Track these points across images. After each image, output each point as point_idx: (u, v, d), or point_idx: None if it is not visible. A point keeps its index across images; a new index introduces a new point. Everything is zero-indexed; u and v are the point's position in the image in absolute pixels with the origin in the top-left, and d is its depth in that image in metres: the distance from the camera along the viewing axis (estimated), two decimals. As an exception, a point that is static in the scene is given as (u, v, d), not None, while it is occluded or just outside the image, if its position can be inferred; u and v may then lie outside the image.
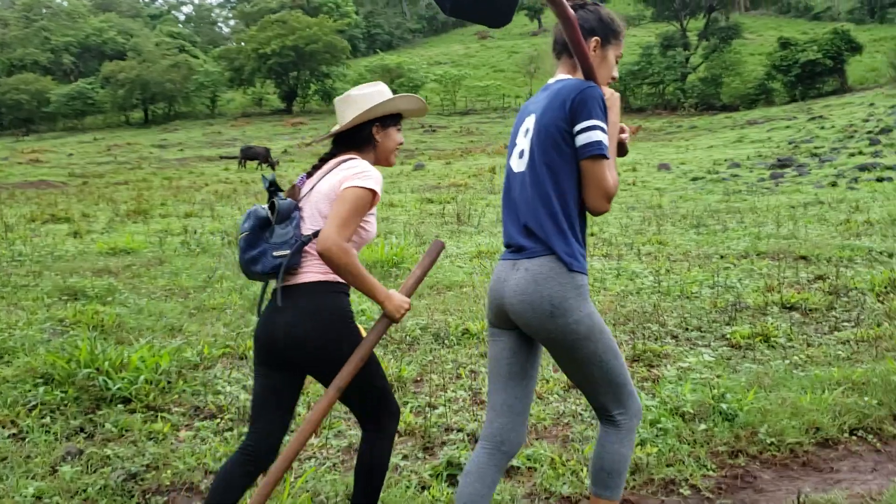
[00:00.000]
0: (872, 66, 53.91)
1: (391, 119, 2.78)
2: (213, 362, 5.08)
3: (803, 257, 8.01)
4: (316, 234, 2.55)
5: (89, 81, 63.78)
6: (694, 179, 22.51)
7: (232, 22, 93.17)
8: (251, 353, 5.23)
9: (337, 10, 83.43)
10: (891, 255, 7.86)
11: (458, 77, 60.30)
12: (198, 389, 4.54)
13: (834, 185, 18.23)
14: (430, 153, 40.29)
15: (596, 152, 2.26)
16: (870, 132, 26.98)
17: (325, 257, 2.45)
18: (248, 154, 35.79)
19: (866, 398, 3.80)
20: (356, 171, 2.55)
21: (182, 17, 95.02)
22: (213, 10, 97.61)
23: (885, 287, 6.22)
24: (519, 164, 2.47)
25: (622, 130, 2.51)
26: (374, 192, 2.55)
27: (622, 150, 2.55)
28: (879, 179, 17.97)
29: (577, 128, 2.28)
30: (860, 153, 23.32)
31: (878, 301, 5.93)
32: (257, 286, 7.15)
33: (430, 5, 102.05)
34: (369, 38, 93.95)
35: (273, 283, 2.60)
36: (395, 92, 2.88)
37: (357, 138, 2.74)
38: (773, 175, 21.20)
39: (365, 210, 2.54)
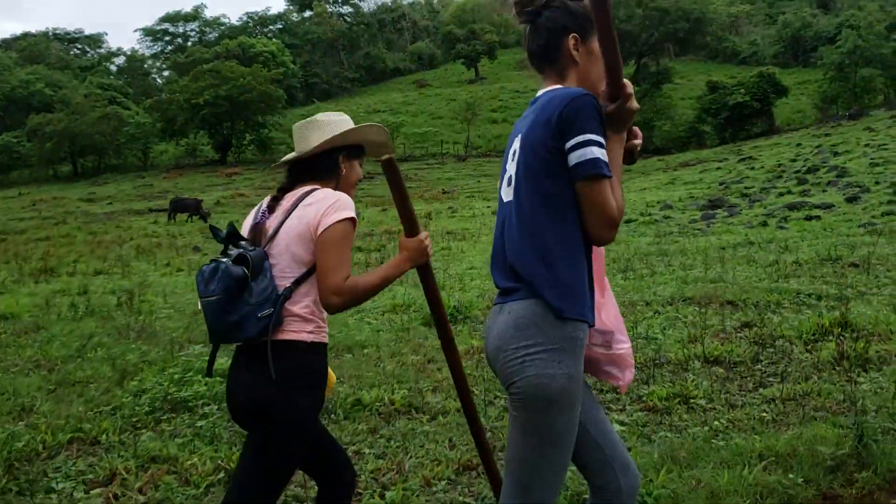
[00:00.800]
0: (798, 107, 55.69)
1: (356, 151, 2.60)
2: (57, 450, 4.36)
3: (730, 302, 7.61)
4: (297, 283, 2.34)
5: (15, 135, 61.91)
6: (627, 222, 22.38)
7: (166, 73, 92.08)
8: (105, 436, 4.53)
9: (273, 59, 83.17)
10: (819, 298, 7.51)
11: (397, 124, 60.19)
12: (25, 487, 3.82)
13: (764, 224, 18.20)
14: (367, 200, 39.84)
15: (592, 172, 1.90)
16: (798, 172, 27.37)
17: (342, 307, 2.30)
18: (178, 206, 34.84)
19: (791, 475, 3.30)
20: (329, 204, 2.34)
21: (114, 69, 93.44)
22: (147, 60, 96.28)
23: (814, 334, 5.81)
24: (507, 193, 2.13)
25: (634, 135, 2.17)
26: (353, 221, 2.37)
27: (629, 157, 2.19)
28: (808, 218, 18.00)
29: (568, 145, 1.93)
30: (789, 192, 23.53)
31: (807, 350, 5.51)
32: (134, 355, 6.43)
33: (368, 55, 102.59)
34: (307, 87, 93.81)
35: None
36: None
37: (321, 167, 2.53)
38: (704, 216, 21.18)
39: (350, 243, 2.35)
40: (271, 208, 2.49)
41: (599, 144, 1.91)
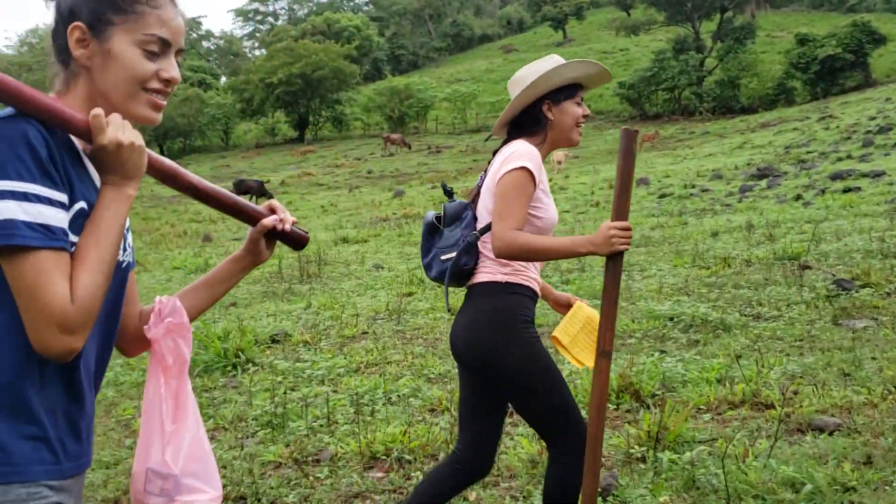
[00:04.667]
0: (906, 56, 50.59)
1: (564, 92, 2.53)
2: None
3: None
4: (483, 231, 2.45)
5: (104, 121, 64.08)
6: (661, 197, 20.65)
7: (258, 52, 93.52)
8: None
9: (358, 33, 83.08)
10: (688, 328, 6.04)
11: (468, 94, 58.71)
12: None
13: (797, 198, 16.16)
14: (428, 175, 38.86)
15: (4, 243, 1.21)
16: (869, 131, 24.52)
17: (503, 255, 2.35)
18: (241, 188, 34.48)
19: None
20: (504, 157, 2.43)
21: (209, 50, 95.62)
22: (239, 41, 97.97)
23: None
24: None
25: (271, 210, 1.66)
26: (526, 170, 2.36)
27: (297, 241, 1.71)
28: (846, 190, 15.82)
29: None
30: (849, 157, 21.04)
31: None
32: None
33: (454, 23, 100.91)
34: (394, 59, 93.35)
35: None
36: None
37: (527, 121, 2.55)
38: (742, 188, 19.14)
39: (525, 193, 2.36)
40: (486, 171, 2.56)
41: (21, 197, 1.21)
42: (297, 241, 1.68)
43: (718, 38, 49.97)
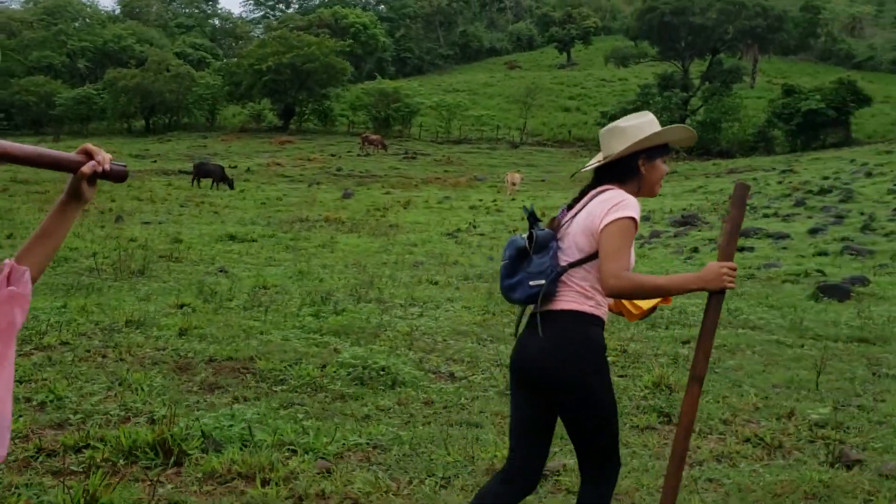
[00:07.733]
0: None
1: (658, 151, 2.71)
2: None
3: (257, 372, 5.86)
4: (573, 265, 2.58)
5: (97, 87, 63.74)
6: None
7: (262, 37, 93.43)
8: None
9: (364, 31, 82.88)
10: (389, 371, 5.64)
11: (455, 105, 58.43)
12: None
13: (695, 251, 15.81)
14: (394, 180, 38.55)
15: None
16: (810, 191, 24.14)
17: (615, 293, 2.49)
18: (201, 171, 33.66)
19: None
20: (614, 203, 2.55)
21: (215, 29, 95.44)
22: (245, 25, 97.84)
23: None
24: None
25: (87, 153, 1.76)
26: (634, 220, 2.53)
27: (117, 176, 1.83)
28: (740, 249, 15.44)
29: None
30: (775, 214, 20.70)
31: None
32: None
33: (464, 32, 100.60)
34: (399, 61, 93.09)
35: (529, 308, 2.69)
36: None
37: (622, 170, 2.70)
38: (651, 234, 18.78)
39: (631, 239, 2.53)
40: (570, 206, 2.72)
41: None
42: (117, 177, 1.78)
43: (707, 80, 49.67)
